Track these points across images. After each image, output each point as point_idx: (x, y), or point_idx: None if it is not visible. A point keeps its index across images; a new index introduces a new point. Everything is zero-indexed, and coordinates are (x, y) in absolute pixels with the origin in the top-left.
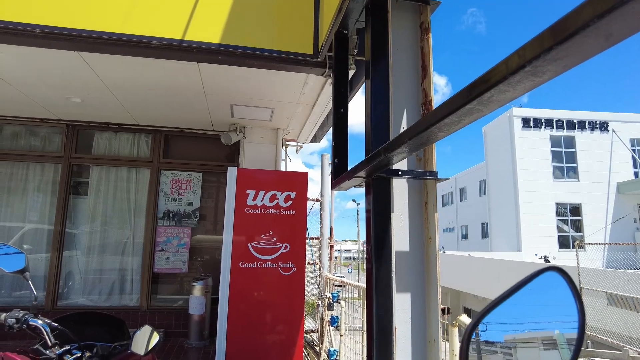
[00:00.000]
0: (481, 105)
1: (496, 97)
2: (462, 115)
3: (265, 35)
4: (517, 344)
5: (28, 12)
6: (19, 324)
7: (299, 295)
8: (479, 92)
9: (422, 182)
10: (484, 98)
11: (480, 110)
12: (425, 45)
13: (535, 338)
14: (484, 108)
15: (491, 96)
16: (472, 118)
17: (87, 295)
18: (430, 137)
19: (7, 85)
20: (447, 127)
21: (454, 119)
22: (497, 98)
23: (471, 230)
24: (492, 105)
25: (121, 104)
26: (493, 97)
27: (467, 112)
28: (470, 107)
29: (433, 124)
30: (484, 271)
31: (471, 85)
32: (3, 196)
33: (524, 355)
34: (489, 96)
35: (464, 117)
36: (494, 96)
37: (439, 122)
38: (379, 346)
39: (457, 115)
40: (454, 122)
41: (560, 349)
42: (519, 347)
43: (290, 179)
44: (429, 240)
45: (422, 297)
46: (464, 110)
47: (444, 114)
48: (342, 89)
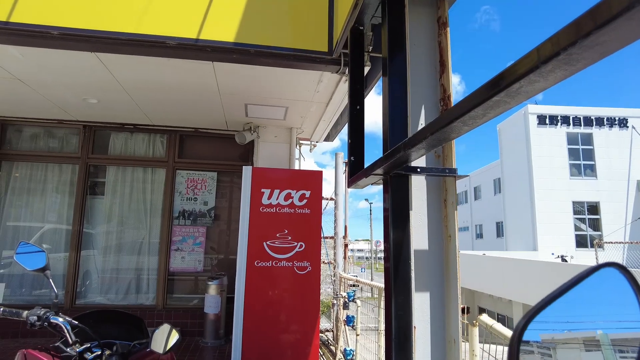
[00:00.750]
0: (509, 97)
1: (525, 87)
2: (488, 108)
3: (279, 33)
4: (556, 345)
5: (46, 15)
6: (40, 322)
7: (315, 294)
8: (507, 83)
9: (441, 180)
10: (513, 89)
11: (507, 103)
12: (443, 40)
13: (576, 338)
14: (511, 100)
15: (520, 87)
16: (499, 111)
17: (104, 294)
18: (453, 131)
19: (26, 87)
20: (471, 121)
21: (480, 112)
22: (526, 89)
23: (486, 230)
24: (520, 97)
25: (137, 104)
26: (522, 88)
27: (494, 104)
28: (497, 100)
29: (457, 118)
30: (499, 271)
31: (499, 76)
32: (23, 197)
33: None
34: (518, 87)
35: (489, 110)
36: (523, 87)
37: (464, 115)
38: (397, 346)
39: (482, 108)
40: (479, 116)
41: (604, 350)
42: (559, 348)
43: (304, 178)
44: (449, 238)
45: (441, 296)
46: (490, 103)
47: (469, 107)
48: (358, 85)
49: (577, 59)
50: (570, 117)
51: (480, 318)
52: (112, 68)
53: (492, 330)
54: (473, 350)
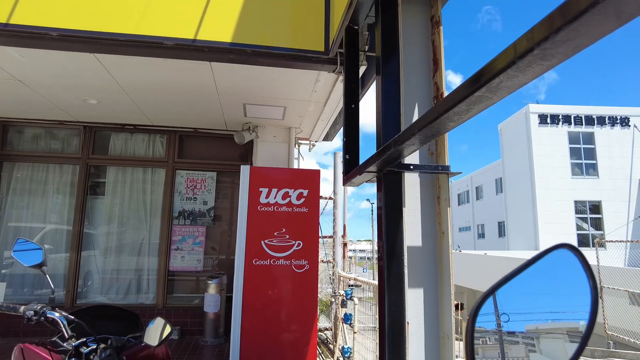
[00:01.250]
0: (490, 93)
1: (505, 83)
2: (471, 103)
3: (276, 33)
4: (539, 335)
5: (45, 16)
6: (37, 316)
7: (313, 292)
8: (487, 79)
9: (435, 177)
10: (493, 85)
11: (489, 98)
12: (437, 39)
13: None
14: (493, 95)
15: (500, 82)
16: (482, 106)
17: (105, 293)
18: (441, 127)
19: (27, 88)
20: (457, 117)
21: (463, 107)
22: (507, 84)
23: (488, 229)
24: (502, 92)
25: (136, 104)
26: (502, 84)
27: (477, 100)
28: (479, 95)
29: (442, 114)
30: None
31: (479, 72)
32: (24, 197)
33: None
34: (498, 82)
35: (473, 106)
36: (502, 82)
37: (448, 111)
38: (391, 341)
39: (466, 103)
40: (464, 111)
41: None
42: (542, 338)
43: (302, 177)
44: (442, 234)
45: (435, 292)
46: (473, 99)
47: (453, 103)
48: (353, 84)
49: (552, 54)
50: (572, 116)
51: None
52: (111, 69)
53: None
54: None
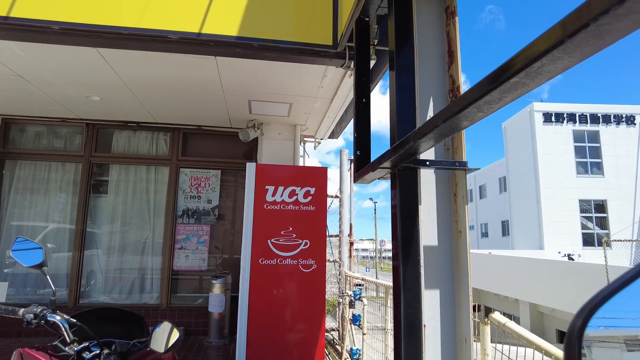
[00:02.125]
0: (528, 78)
1: (547, 66)
2: (505, 91)
3: (283, 26)
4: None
5: (46, 9)
6: (37, 320)
7: (320, 292)
8: (527, 62)
9: (451, 173)
10: (533, 69)
11: (526, 85)
12: (452, 30)
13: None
14: (530, 81)
15: (541, 66)
16: (516, 94)
17: (108, 293)
18: (467, 118)
19: (29, 85)
20: (487, 106)
21: (496, 95)
22: (548, 68)
23: (491, 228)
24: (541, 78)
25: (139, 101)
26: (543, 67)
27: (512, 86)
28: (516, 81)
29: (471, 103)
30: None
31: (517, 55)
32: (26, 196)
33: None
34: (539, 66)
35: (507, 94)
36: (544, 66)
37: (479, 100)
38: (407, 345)
39: (499, 91)
40: (495, 100)
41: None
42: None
43: (309, 175)
44: (459, 233)
45: (452, 293)
46: (508, 85)
47: (485, 90)
48: (364, 78)
49: (609, 30)
50: (577, 115)
51: (492, 316)
52: (114, 64)
53: (505, 329)
54: (485, 349)
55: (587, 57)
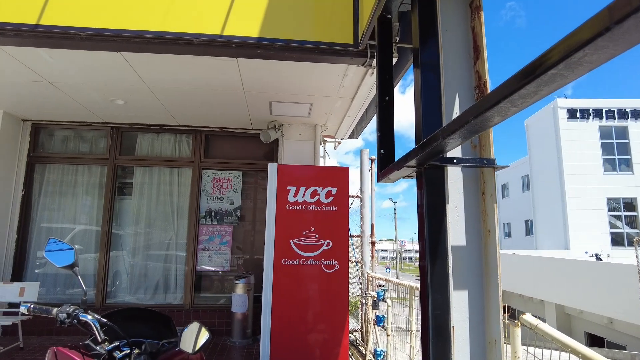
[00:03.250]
0: (568, 70)
1: (589, 56)
2: (542, 84)
3: (303, 26)
4: None
5: (74, 16)
6: (69, 319)
7: (343, 293)
8: (567, 53)
9: (479, 171)
10: (574, 59)
11: (564, 77)
12: (477, 25)
13: None
14: (570, 73)
15: (583, 56)
16: (553, 87)
17: (133, 293)
18: (499, 113)
19: (57, 90)
20: (521, 100)
21: (531, 89)
22: (590, 58)
23: (514, 228)
24: (581, 69)
25: (162, 104)
26: (585, 58)
27: (549, 79)
28: (554, 73)
29: (505, 97)
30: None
31: (556, 45)
32: (55, 198)
33: None
34: (581, 56)
35: (543, 87)
36: (587, 56)
37: (513, 94)
38: (435, 347)
39: (535, 84)
40: (531, 94)
41: None
42: None
43: (331, 175)
44: (488, 233)
45: (480, 294)
46: (545, 78)
47: (519, 84)
48: (387, 75)
49: None
50: (603, 110)
51: (523, 318)
52: (138, 68)
53: (537, 331)
54: (515, 352)
55: (633, 45)
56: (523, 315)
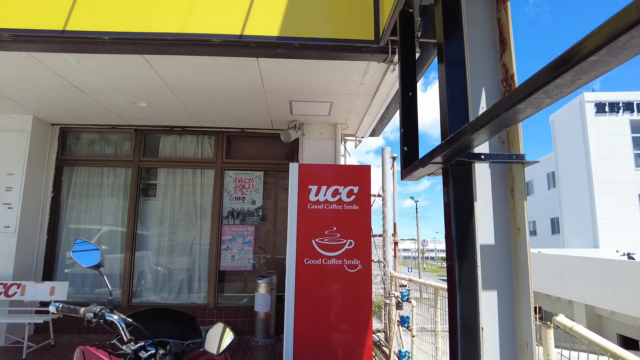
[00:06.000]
0: (611, 55)
1: (636, 40)
2: (581, 72)
3: (323, 24)
4: None
5: (97, 21)
6: (96, 319)
7: (366, 293)
8: (611, 36)
9: (507, 167)
10: (618, 43)
11: (607, 63)
12: (503, 16)
13: None
14: (613, 59)
15: (630, 39)
16: (593, 75)
17: (158, 293)
18: (532, 105)
19: (83, 95)
20: (556, 91)
21: (568, 78)
22: (637, 42)
23: (540, 226)
24: (626, 54)
25: (184, 106)
26: (632, 41)
27: (589, 67)
28: (595, 60)
29: (539, 88)
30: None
31: (598, 29)
32: (82, 200)
33: None
34: (627, 39)
35: (582, 75)
36: (634, 39)
37: (548, 84)
38: (464, 348)
39: (573, 73)
40: (567, 83)
41: None
42: None
43: (352, 173)
44: (517, 231)
45: (510, 295)
46: (585, 65)
47: (556, 73)
48: (410, 70)
49: None
50: (635, 103)
51: (556, 319)
52: (160, 70)
53: (572, 333)
54: (548, 355)
55: None
56: (556, 316)
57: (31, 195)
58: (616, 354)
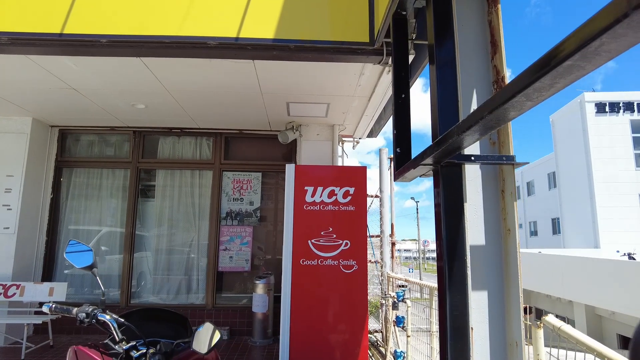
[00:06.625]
0: (584, 60)
1: (607, 45)
2: (557, 76)
3: (319, 26)
4: None
5: (95, 24)
6: (88, 319)
7: (362, 293)
8: (583, 42)
9: (498, 168)
10: (590, 49)
11: (581, 68)
12: (494, 19)
13: None
14: (587, 64)
15: (601, 45)
16: (570, 79)
17: (156, 294)
18: (515, 108)
19: (81, 97)
20: (536, 94)
21: (547, 82)
22: (609, 47)
23: (540, 227)
24: (599, 59)
25: (182, 107)
26: (603, 47)
27: (565, 71)
28: (570, 64)
29: (520, 91)
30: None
31: (572, 35)
32: (81, 201)
33: None
34: (598, 45)
35: (559, 79)
36: (604, 45)
37: (527, 88)
38: (453, 349)
39: (550, 77)
40: (546, 87)
41: None
42: None
43: (348, 174)
44: (508, 232)
45: (500, 295)
46: (561, 69)
47: (534, 77)
48: (403, 72)
49: None
50: (635, 103)
51: (545, 319)
52: (157, 72)
53: (560, 333)
54: (538, 354)
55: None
56: (546, 316)
57: (30, 196)
58: (602, 353)
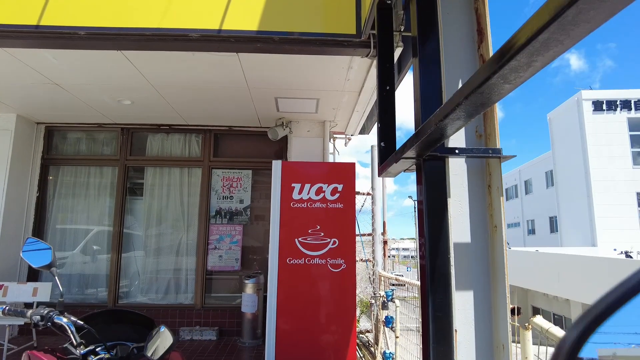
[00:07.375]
0: (561, 32)
1: (585, 13)
2: (534, 52)
3: (304, 18)
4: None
5: (73, 16)
6: (43, 322)
7: (350, 292)
8: (558, 10)
9: (484, 162)
10: (566, 18)
11: (559, 42)
12: (481, 6)
13: None
14: (565, 37)
15: (578, 13)
16: (549, 56)
17: (145, 293)
18: (493, 91)
19: (65, 92)
20: (513, 75)
21: (523, 60)
22: (587, 16)
23: (538, 225)
24: (578, 31)
25: (169, 103)
26: (580, 15)
27: (542, 46)
28: (546, 38)
29: (495, 72)
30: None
31: (546, 4)
32: (69, 200)
33: None
34: (575, 13)
35: (536, 56)
36: (581, 13)
37: (502, 68)
38: (436, 352)
39: (526, 54)
40: (523, 66)
41: None
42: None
43: (336, 171)
44: (494, 228)
45: (487, 295)
46: (536, 44)
47: (509, 55)
48: (387, 64)
49: None
50: (632, 101)
51: (533, 320)
52: (140, 66)
53: (548, 335)
54: (526, 357)
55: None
56: (534, 318)
57: (15, 195)
58: None
